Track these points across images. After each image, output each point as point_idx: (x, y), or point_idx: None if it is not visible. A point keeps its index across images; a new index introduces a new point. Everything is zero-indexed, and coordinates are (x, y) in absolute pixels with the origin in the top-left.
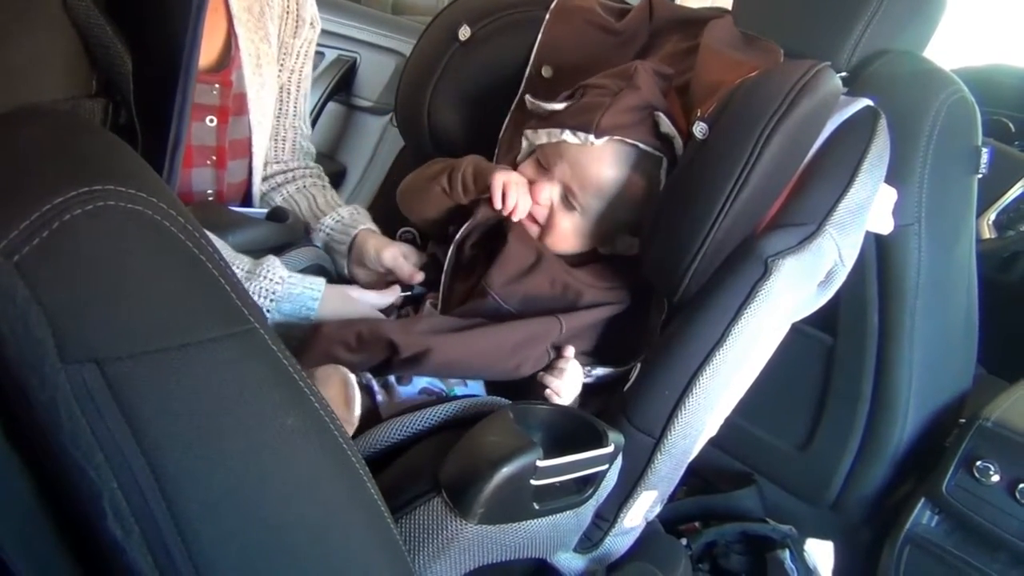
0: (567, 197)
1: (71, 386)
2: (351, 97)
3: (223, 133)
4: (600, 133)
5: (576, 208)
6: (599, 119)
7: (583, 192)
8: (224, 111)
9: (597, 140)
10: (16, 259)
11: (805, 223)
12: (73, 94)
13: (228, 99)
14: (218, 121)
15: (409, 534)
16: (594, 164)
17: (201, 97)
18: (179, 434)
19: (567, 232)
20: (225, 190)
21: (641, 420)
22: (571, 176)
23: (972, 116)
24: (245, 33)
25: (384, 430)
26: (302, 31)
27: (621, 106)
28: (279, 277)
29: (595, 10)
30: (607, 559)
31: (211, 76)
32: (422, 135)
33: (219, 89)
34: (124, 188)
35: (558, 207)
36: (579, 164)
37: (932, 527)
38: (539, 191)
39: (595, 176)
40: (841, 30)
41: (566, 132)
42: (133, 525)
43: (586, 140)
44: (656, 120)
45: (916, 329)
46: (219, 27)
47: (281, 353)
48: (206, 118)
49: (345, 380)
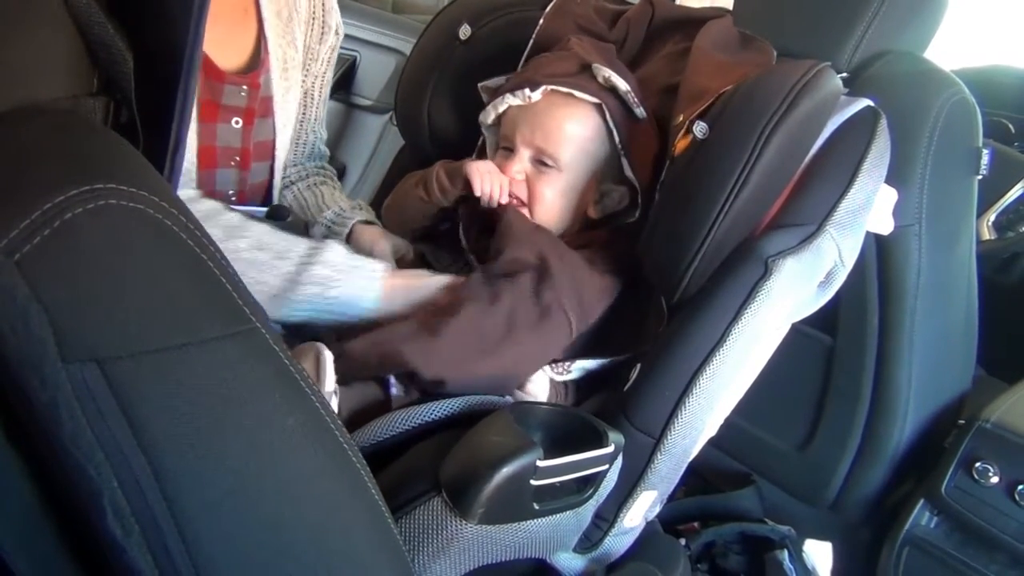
0: (538, 160)
1: (72, 385)
2: (351, 96)
3: (248, 135)
4: (534, 86)
5: (551, 165)
6: (534, 76)
7: (547, 143)
8: (250, 113)
9: (534, 93)
10: (17, 258)
11: (805, 223)
12: (74, 92)
13: (255, 101)
14: (244, 123)
15: (409, 534)
16: (547, 116)
17: (230, 98)
18: (180, 433)
19: (552, 197)
20: (247, 191)
21: (641, 420)
22: (531, 135)
23: (973, 117)
24: (274, 37)
25: (381, 425)
26: (327, 37)
27: (556, 64)
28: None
29: (589, 15)
30: (607, 559)
31: (240, 78)
32: (422, 134)
33: (247, 91)
34: (125, 187)
35: (533, 175)
36: (532, 123)
37: (931, 528)
38: (509, 167)
39: (554, 125)
40: (842, 30)
41: (507, 96)
42: (133, 524)
43: (524, 96)
44: (593, 72)
45: (916, 330)
46: (250, 30)
47: (282, 353)
48: (232, 119)
49: (318, 355)
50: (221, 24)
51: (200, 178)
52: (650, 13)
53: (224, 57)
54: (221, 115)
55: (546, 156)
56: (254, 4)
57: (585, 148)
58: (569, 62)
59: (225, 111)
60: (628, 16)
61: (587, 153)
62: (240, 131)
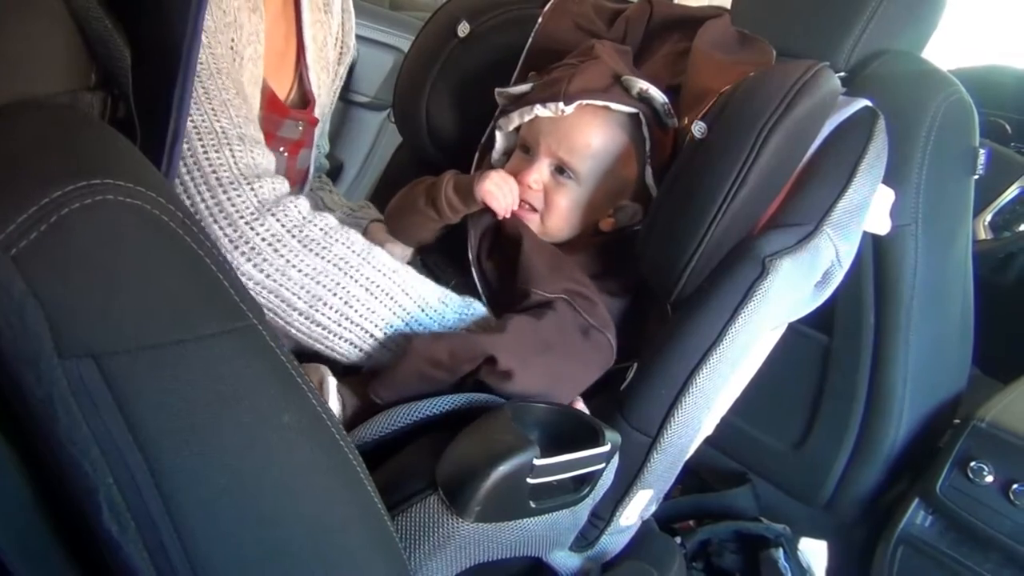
0: (559, 170)
1: (68, 381)
2: (349, 93)
3: (291, 164)
4: (569, 99)
5: (570, 177)
6: (566, 87)
7: (572, 156)
8: (298, 145)
9: (567, 107)
10: (13, 253)
11: (803, 223)
12: (72, 87)
13: (307, 135)
14: (288, 153)
15: (405, 532)
16: (575, 129)
17: (286, 132)
18: (176, 430)
19: (567, 208)
20: None
21: (637, 419)
22: (556, 146)
23: (970, 117)
24: (314, 66)
25: (377, 422)
26: (345, 58)
27: (586, 74)
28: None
29: (588, 14)
30: (602, 558)
31: (299, 113)
32: (420, 131)
33: (304, 126)
34: (123, 182)
35: (551, 185)
36: (558, 134)
37: (926, 527)
38: (527, 175)
39: (580, 139)
40: (840, 30)
41: (536, 107)
42: (129, 521)
43: (557, 109)
44: (625, 84)
45: (912, 329)
46: (291, 58)
47: (279, 350)
48: (280, 148)
49: (322, 380)
50: (274, 54)
51: None
52: (648, 12)
53: (276, 86)
54: (272, 145)
55: (567, 167)
56: (295, 33)
57: (608, 164)
58: (600, 72)
59: (276, 141)
60: (627, 15)
61: (609, 169)
62: (284, 160)
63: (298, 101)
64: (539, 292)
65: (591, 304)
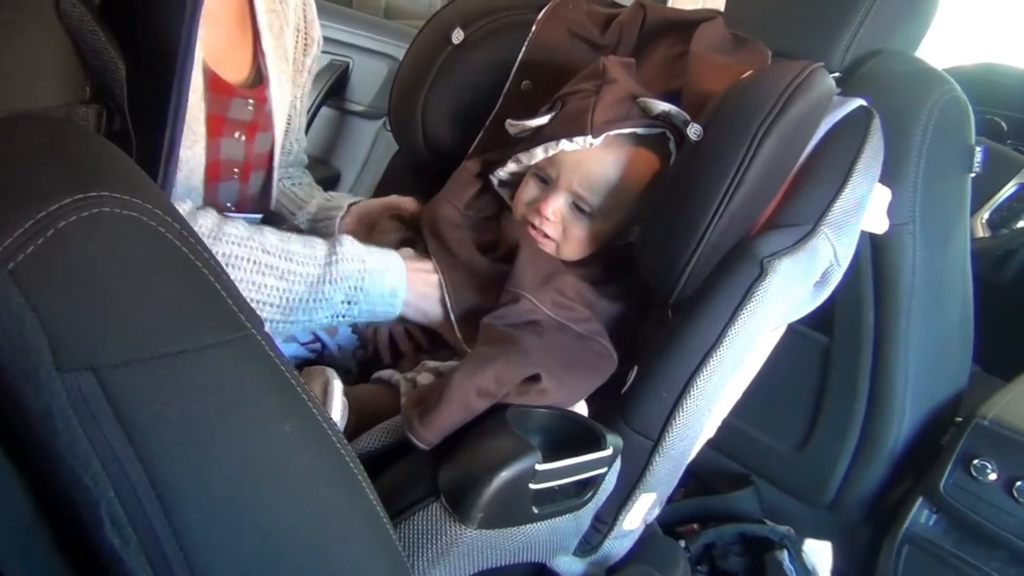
0: (576, 204)
1: (67, 394)
2: (344, 102)
3: (250, 148)
4: (597, 132)
5: (589, 212)
6: (591, 119)
7: (592, 194)
8: (253, 127)
9: (596, 139)
10: (11, 267)
11: (800, 224)
12: (67, 100)
13: (260, 115)
14: (246, 137)
15: (408, 539)
16: (598, 164)
17: (236, 112)
18: (176, 441)
19: (583, 239)
20: (244, 201)
21: (639, 423)
22: (577, 182)
23: (965, 115)
24: (270, 51)
25: (379, 430)
26: (311, 49)
27: (607, 101)
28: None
29: (582, 20)
30: (606, 562)
31: (247, 92)
32: (416, 139)
33: (254, 105)
34: (119, 194)
35: (569, 217)
36: (582, 168)
37: (930, 526)
38: (545, 206)
39: (602, 175)
40: (834, 30)
41: (562, 142)
42: (131, 533)
43: (585, 143)
44: (644, 106)
45: (912, 328)
46: (246, 43)
47: (278, 359)
48: (235, 133)
49: (327, 383)
50: (221, 38)
51: (205, 192)
52: (642, 16)
53: (226, 71)
54: (226, 129)
55: (585, 203)
56: (250, 18)
57: (627, 195)
58: (619, 96)
59: (230, 125)
60: (620, 20)
61: (627, 200)
62: (243, 144)
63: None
64: (528, 297)
65: (578, 315)
